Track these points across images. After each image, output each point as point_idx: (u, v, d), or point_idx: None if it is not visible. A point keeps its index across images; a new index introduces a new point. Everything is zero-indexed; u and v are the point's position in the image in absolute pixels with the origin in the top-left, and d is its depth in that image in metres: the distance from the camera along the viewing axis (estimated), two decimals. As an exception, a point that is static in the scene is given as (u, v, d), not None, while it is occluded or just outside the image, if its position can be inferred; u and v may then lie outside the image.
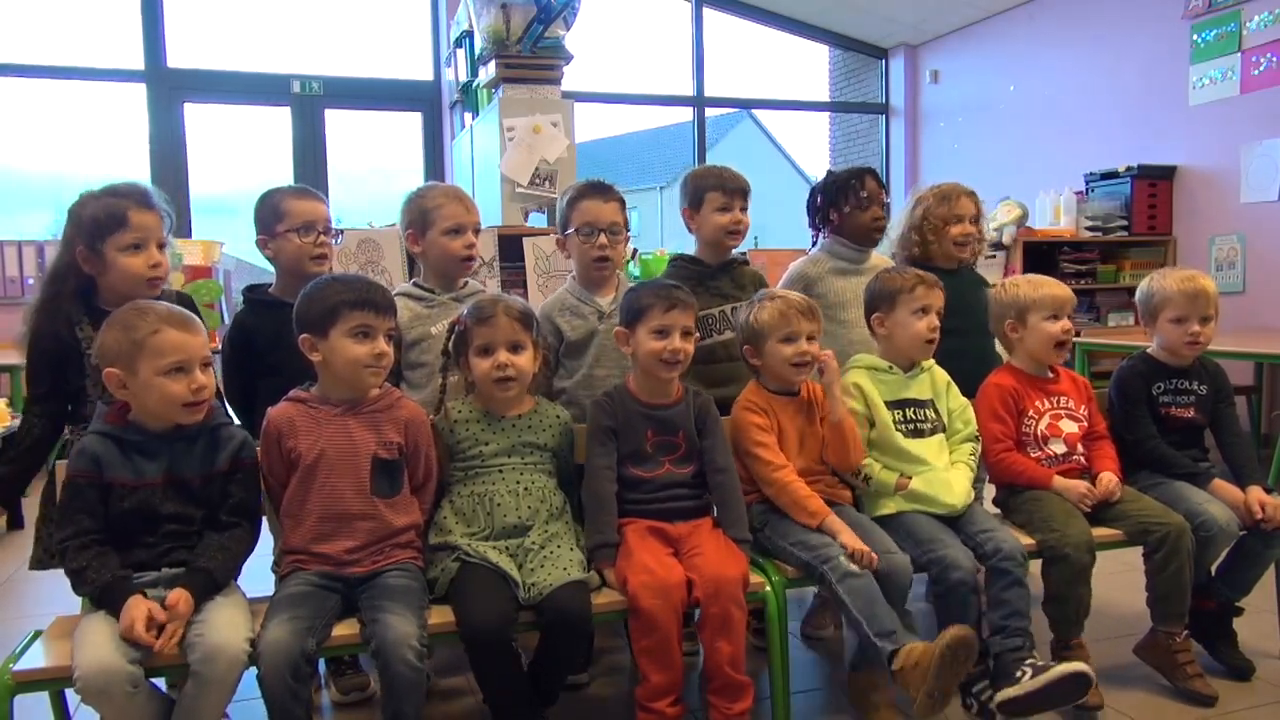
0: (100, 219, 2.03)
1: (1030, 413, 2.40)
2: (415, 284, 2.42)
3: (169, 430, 1.81)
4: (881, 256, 2.82)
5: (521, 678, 1.90)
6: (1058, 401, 2.43)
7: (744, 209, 2.55)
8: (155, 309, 1.80)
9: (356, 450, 1.90)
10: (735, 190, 2.53)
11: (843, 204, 2.70)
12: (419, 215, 2.36)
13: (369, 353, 1.89)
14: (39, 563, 2.13)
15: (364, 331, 1.89)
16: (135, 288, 2.05)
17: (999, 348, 2.65)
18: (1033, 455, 2.39)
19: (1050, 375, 2.46)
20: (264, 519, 2.05)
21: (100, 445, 1.77)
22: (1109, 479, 2.32)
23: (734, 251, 2.65)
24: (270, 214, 2.32)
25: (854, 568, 1.98)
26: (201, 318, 1.90)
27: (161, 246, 2.10)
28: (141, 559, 1.76)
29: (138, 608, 1.62)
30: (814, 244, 2.82)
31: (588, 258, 2.41)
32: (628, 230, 2.46)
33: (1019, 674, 2.01)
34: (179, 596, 1.67)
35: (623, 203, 2.47)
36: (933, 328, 2.30)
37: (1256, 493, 2.32)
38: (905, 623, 1.99)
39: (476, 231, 2.40)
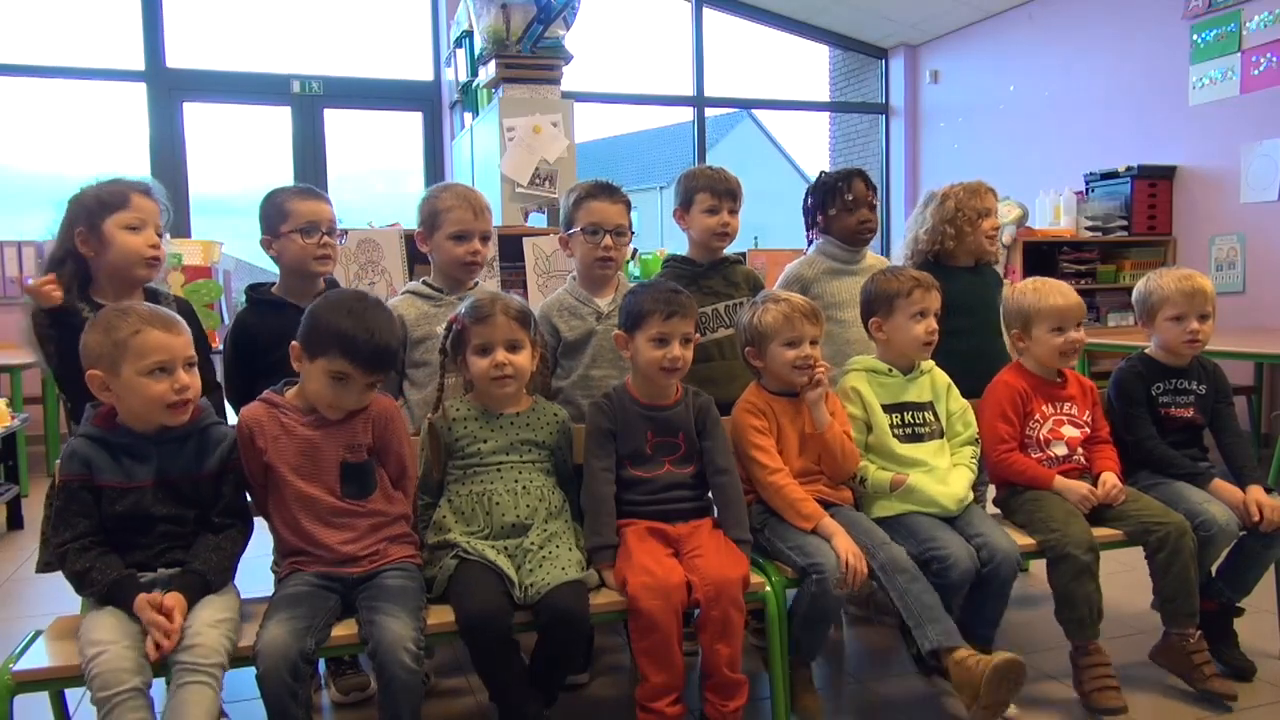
0: (103, 198, 2.09)
1: (1036, 416, 2.40)
2: (425, 282, 2.41)
3: (157, 431, 1.80)
4: (876, 256, 2.82)
5: (523, 669, 1.89)
6: (1062, 407, 2.43)
7: (733, 211, 2.54)
8: (137, 310, 1.79)
9: (322, 457, 1.88)
10: (724, 192, 2.52)
11: (829, 206, 2.72)
12: (429, 215, 2.36)
13: (336, 396, 1.87)
14: (46, 565, 2.13)
15: (340, 377, 1.86)
16: (133, 267, 2.09)
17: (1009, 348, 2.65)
18: (1033, 456, 2.38)
19: (1059, 380, 2.46)
20: (263, 519, 2.05)
21: (89, 448, 1.76)
22: (1110, 479, 2.32)
23: (728, 251, 2.65)
24: (275, 214, 2.31)
25: (838, 594, 1.99)
26: (200, 322, 1.90)
27: (160, 236, 2.14)
28: (137, 560, 1.76)
29: (146, 613, 1.63)
30: (809, 244, 2.83)
31: (591, 258, 2.40)
32: (632, 232, 2.46)
33: None
34: (174, 601, 1.66)
35: (629, 204, 2.46)
36: (931, 330, 2.30)
37: (1256, 492, 2.31)
38: (939, 616, 2.03)
39: (485, 238, 2.37)
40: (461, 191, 2.39)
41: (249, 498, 1.94)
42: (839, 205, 2.70)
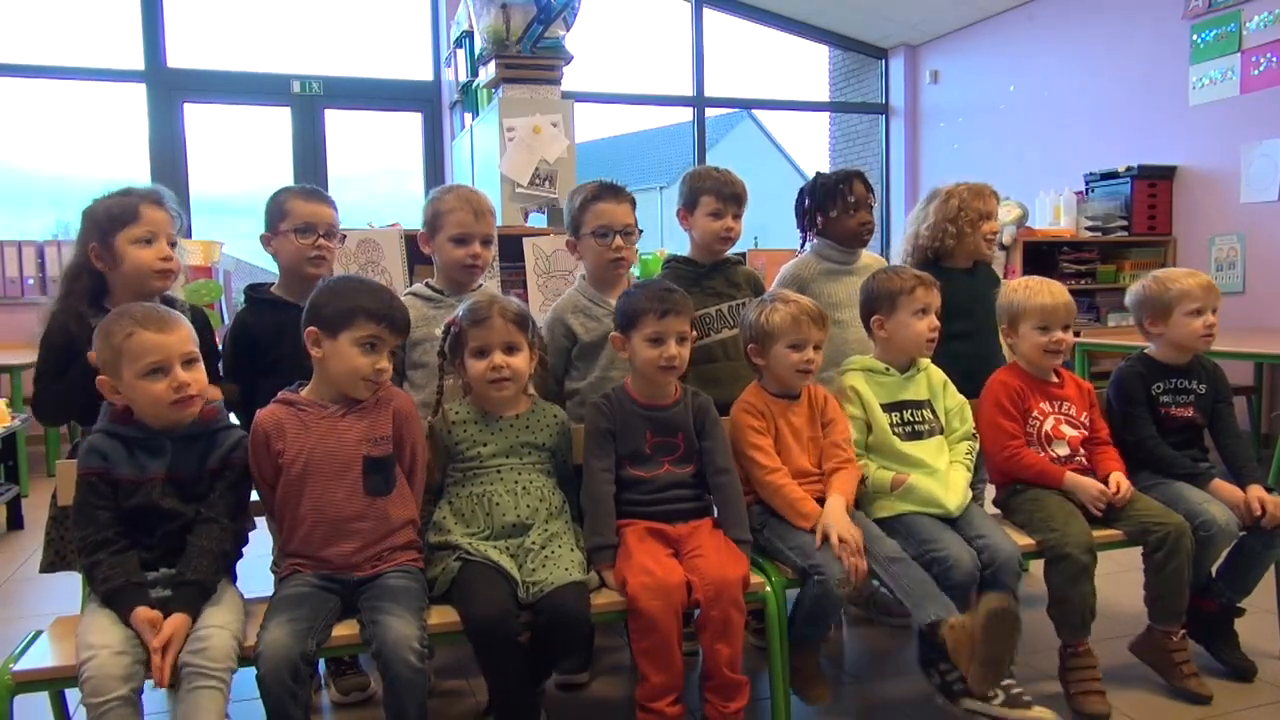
0: (114, 213, 2.09)
1: (1035, 413, 2.40)
2: (427, 284, 2.41)
3: (171, 428, 1.81)
4: (872, 256, 2.82)
5: (524, 668, 1.90)
6: (1060, 406, 2.42)
7: (737, 216, 2.53)
8: (131, 312, 1.81)
9: (346, 452, 1.89)
10: (729, 197, 2.51)
11: (830, 208, 2.71)
12: (431, 217, 2.36)
13: (371, 365, 1.88)
14: (50, 566, 2.13)
15: (372, 343, 1.88)
16: (146, 279, 2.10)
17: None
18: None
19: (1055, 380, 2.45)
20: (264, 519, 2.06)
21: (106, 442, 1.78)
22: (1123, 480, 2.30)
23: (729, 252, 2.65)
24: (276, 212, 2.33)
25: (840, 594, 1.99)
26: (211, 328, 1.91)
27: (173, 245, 2.15)
28: (143, 559, 1.76)
29: (146, 634, 1.63)
30: (802, 245, 2.83)
31: (603, 260, 2.39)
32: (639, 230, 2.46)
33: (992, 694, 2.02)
34: (176, 623, 1.65)
35: (634, 203, 2.47)
36: (933, 327, 2.31)
37: (1257, 491, 2.32)
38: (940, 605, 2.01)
39: (486, 242, 2.36)
40: (464, 194, 2.38)
41: (247, 499, 1.94)
42: (840, 207, 2.69)
